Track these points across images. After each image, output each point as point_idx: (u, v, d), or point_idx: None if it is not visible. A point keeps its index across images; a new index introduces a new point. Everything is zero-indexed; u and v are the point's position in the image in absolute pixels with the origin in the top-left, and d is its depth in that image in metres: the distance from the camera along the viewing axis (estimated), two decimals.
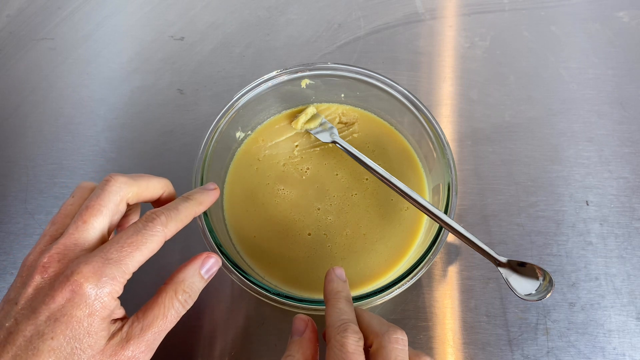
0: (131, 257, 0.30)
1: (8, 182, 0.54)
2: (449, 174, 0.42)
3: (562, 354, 0.45)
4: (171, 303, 0.31)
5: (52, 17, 0.65)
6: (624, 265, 0.48)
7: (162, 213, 0.32)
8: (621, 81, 0.58)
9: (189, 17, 0.64)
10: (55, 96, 0.59)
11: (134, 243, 0.30)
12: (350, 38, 0.62)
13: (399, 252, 0.45)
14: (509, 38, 0.61)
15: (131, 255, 0.30)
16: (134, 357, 0.30)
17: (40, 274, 0.29)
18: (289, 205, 0.46)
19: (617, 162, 0.53)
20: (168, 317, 0.31)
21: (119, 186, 0.32)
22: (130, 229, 0.31)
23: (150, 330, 0.30)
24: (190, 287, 0.33)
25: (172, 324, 0.32)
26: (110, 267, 0.29)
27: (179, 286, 0.32)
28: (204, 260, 0.34)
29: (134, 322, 0.30)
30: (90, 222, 0.31)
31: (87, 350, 0.28)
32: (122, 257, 0.29)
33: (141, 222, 0.31)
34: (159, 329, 0.31)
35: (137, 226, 0.31)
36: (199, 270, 0.34)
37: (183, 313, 0.32)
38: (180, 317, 0.32)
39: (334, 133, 0.48)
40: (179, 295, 0.32)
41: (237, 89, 0.47)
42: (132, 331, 0.30)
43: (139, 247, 0.30)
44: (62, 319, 0.27)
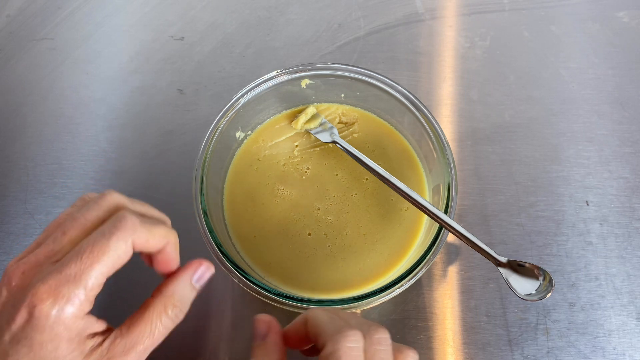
0: (92, 270, 0.26)
1: (8, 182, 0.54)
2: (449, 174, 0.42)
3: (562, 354, 0.45)
4: (159, 319, 0.29)
5: (52, 17, 0.65)
6: (624, 265, 0.48)
7: (135, 215, 0.28)
8: (621, 81, 0.58)
9: (189, 17, 0.64)
10: (55, 96, 0.59)
11: (94, 252, 0.26)
12: (350, 38, 0.62)
13: (399, 252, 0.45)
14: (509, 38, 0.61)
15: (92, 267, 0.26)
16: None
17: (6, 286, 0.27)
18: (289, 205, 0.46)
19: (617, 162, 0.53)
20: (155, 335, 0.28)
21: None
22: (94, 234, 0.27)
23: (135, 349, 0.28)
24: (181, 301, 0.30)
25: (160, 340, 0.29)
26: (69, 285, 0.25)
27: (168, 300, 0.29)
28: (197, 269, 0.31)
29: (117, 337, 0.28)
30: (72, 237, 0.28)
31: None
32: (82, 272, 0.26)
33: (108, 224, 0.28)
34: (145, 347, 0.28)
35: (103, 229, 0.27)
36: (190, 281, 0.31)
37: (172, 328, 0.30)
38: (168, 333, 0.29)
39: (334, 133, 0.48)
40: (168, 311, 0.29)
41: (237, 89, 0.47)
42: (114, 349, 0.27)
43: (101, 257, 0.26)
44: (24, 342, 0.25)
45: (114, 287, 0.45)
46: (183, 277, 0.31)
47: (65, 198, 0.52)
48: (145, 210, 0.32)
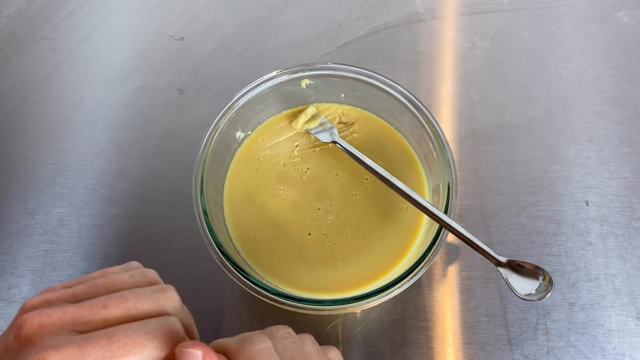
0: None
1: (8, 182, 0.54)
2: (449, 174, 0.42)
3: (562, 354, 0.45)
4: None
5: (52, 17, 0.65)
6: (624, 265, 0.48)
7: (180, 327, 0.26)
8: (621, 81, 0.58)
9: (189, 17, 0.64)
10: (55, 96, 0.59)
11: (127, 346, 0.23)
12: (350, 38, 0.62)
13: (399, 252, 0.45)
14: (509, 38, 0.61)
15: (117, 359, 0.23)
16: None
17: (15, 331, 0.24)
18: (289, 205, 0.46)
19: (617, 162, 0.53)
20: None
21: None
22: (134, 326, 0.24)
23: None
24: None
25: None
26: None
27: None
28: None
29: None
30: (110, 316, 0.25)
31: None
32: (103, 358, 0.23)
33: (155, 323, 0.25)
34: None
35: (147, 326, 0.24)
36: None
37: None
38: None
39: (334, 133, 0.48)
40: None
41: (237, 89, 0.47)
42: None
43: (131, 353, 0.23)
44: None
45: None
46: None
47: (66, 198, 0.52)
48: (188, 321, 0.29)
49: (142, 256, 0.49)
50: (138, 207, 0.52)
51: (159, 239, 0.50)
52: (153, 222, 0.51)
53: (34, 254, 0.50)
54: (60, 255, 0.50)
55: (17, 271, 0.49)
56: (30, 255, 0.50)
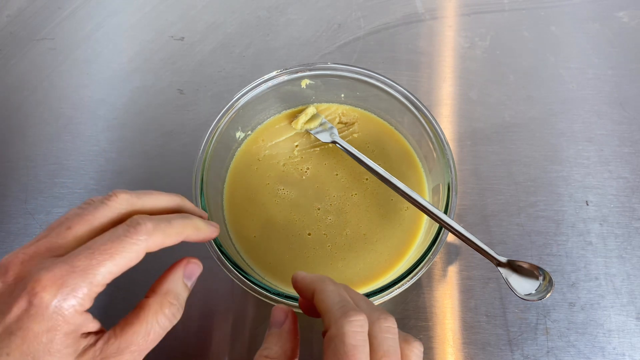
0: (102, 267, 0.25)
1: (8, 182, 0.54)
2: (449, 174, 0.42)
3: (562, 354, 0.45)
4: (155, 318, 0.28)
5: (52, 17, 0.65)
6: (624, 265, 0.48)
7: (149, 220, 0.28)
8: (621, 81, 0.58)
9: (189, 17, 0.64)
10: (55, 96, 0.59)
11: (108, 250, 0.26)
12: (350, 38, 0.62)
13: (399, 252, 0.45)
14: (509, 38, 0.61)
15: (102, 264, 0.25)
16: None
17: (2, 277, 0.26)
18: (289, 205, 0.46)
19: (617, 162, 0.53)
20: (151, 335, 0.27)
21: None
22: (107, 234, 0.27)
23: (129, 350, 0.26)
24: (177, 298, 0.29)
25: (155, 342, 0.28)
26: (75, 276, 0.25)
27: (164, 298, 0.28)
28: (186, 267, 0.31)
29: (110, 338, 0.27)
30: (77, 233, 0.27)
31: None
32: (91, 266, 0.25)
33: (122, 227, 0.27)
34: (140, 348, 0.27)
35: (117, 231, 0.27)
36: (182, 278, 0.30)
37: (169, 328, 0.29)
38: (165, 334, 0.29)
39: (334, 133, 0.48)
40: (165, 309, 0.28)
41: (237, 89, 0.47)
42: (108, 349, 0.26)
43: (113, 256, 0.26)
44: (18, 332, 0.24)
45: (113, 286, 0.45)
46: (175, 275, 0.30)
47: (66, 198, 0.52)
48: (155, 201, 0.31)
49: None
50: None
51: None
52: None
53: None
54: None
55: None
56: None
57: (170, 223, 0.29)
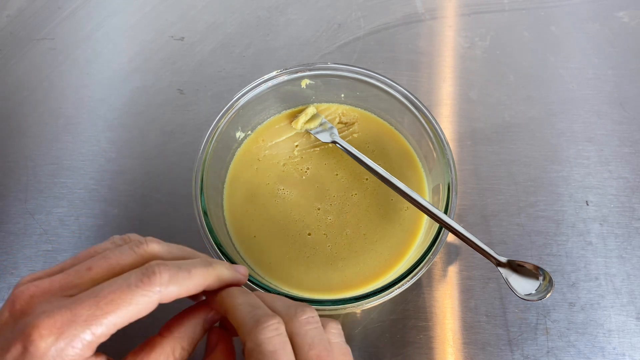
0: (106, 318, 0.24)
1: (8, 182, 0.54)
2: (449, 174, 0.42)
3: (562, 354, 0.45)
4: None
5: (52, 17, 0.65)
6: (624, 265, 0.48)
7: (167, 270, 0.26)
8: (621, 81, 0.58)
9: (189, 17, 0.64)
10: (55, 96, 0.59)
11: (115, 301, 0.24)
12: (350, 38, 0.62)
13: (399, 252, 0.45)
14: (509, 38, 0.61)
15: (107, 315, 0.24)
16: None
17: (9, 307, 0.25)
18: (289, 205, 0.46)
19: (617, 162, 0.53)
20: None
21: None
22: (118, 279, 0.25)
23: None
24: (191, 344, 0.28)
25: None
26: (77, 326, 0.23)
27: (177, 342, 0.27)
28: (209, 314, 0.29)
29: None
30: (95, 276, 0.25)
31: None
32: (94, 316, 0.23)
33: (136, 273, 0.25)
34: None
35: (129, 279, 0.25)
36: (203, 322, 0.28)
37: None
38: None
39: (334, 133, 0.48)
40: (176, 353, 0.27)
41: (237, 89, 0.47)
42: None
43: (120, 306, 0.24)
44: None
45: None
46: (196, 319, 0.28)
47: (66, 198, 0.52)
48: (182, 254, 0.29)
49: None
50: (138, 207, 0.52)
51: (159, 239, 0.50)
52: (153, 222, 0.51)
53: (34, 254, 0.50)
54: (60, 255, 0.50)
55: (17, 271, 0.49)
56: (30, 255, 0.50)
57: (189, 273, 0.27)
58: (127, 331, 0.25)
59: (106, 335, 0.24)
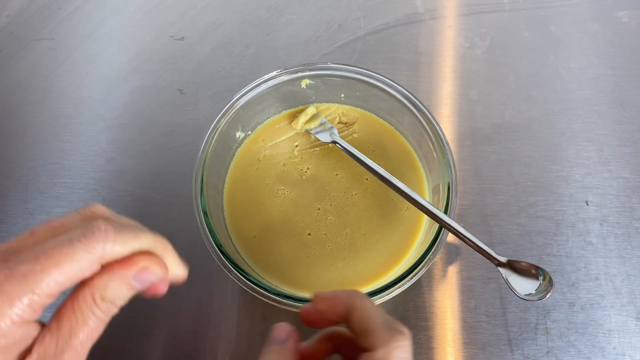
0: (46, 274, 0.22)
1: (8, 182, 0.54)
2: (449, 174, 0.42)
3: (562, 354, 0.45)
4: (90, 311, 0.24)
5: (52, 17, 0.65)
6: (624, 265, 0.48)
7: (112, 228, 0.24)
8: (621, 81, 0.58)
9: (189, 17, 0.64)
10: (55, 96, 0.59)
11: (55, 256, 0.23)
12: (350, 38, 0.62)
13: (399, 252, 0.45)
14: (509, 38, 0.61)
15: (46, 271, 0.22)
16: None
17: None
18: (289, 205, 0.46)
19: (617, 162, 0.53)
20: (89, 325, 0.24)
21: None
22: (60, 237, 0.24)
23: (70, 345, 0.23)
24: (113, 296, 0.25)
25: (98, 332, 0.25)
26: (13, 282, 0.22)
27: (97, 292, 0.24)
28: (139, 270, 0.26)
29: (46, 336, 0.24)
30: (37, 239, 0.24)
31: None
32: (33, 272, 0.22)
33: (79, 229, 0.24)
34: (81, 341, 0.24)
35: (71, 234, 0.24)
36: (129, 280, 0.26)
37: (107, 320, 0.25)
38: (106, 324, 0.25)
39: (334, 133, 0.48)
40: (99, 304, 0.25)
41: (237, 89, 0.47)
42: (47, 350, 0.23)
43: (60, 262, 0.22)
44: None
45: None
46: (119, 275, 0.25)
47: (66, 198, 0.52)
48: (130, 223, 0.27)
49: None
50: (138, 207, 0.52)
51: None
52: (153, 222, 0.51)
53: None
54: None
55: None
56: None
57: (136, 235, 0.25)
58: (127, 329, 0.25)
59: (48, 295, 0.23)
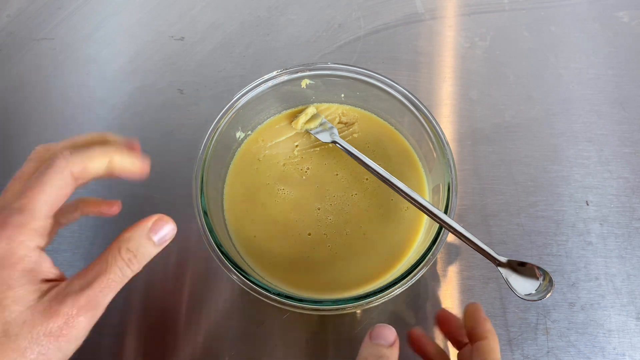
0: (35, 200, 0.28)
1: (8, 182, 0.54)
2: (449, 174, 0.42)
3: (562, 354, 0.45)
4: (114, 260, 0.29)
5: (52, 17, 0.65)
6: (624, 265, 0.48)
7: (68, 152, 0.30)
8: (621, 81, 0.58)
9: (189, 17, 0.64)
10: (55, 96, 0.59)
11: (36, 186, 0.28)
12: (350, 38, 0.62)
13: (399, 252, 0.45)
14: (509, 38, 0.61)
15: (35, 197, 0.28)
16: (72, 315, 0.26)
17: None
18: (289, 205, 0.46)
19: (617, 162, 0.53)
20: (111, 275, 0.28)
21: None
22: (31, 178, 0.29)
23: (92, 286, 0.27)
24: (136, 248, 0.30)
25: (118, 283, 0.29)
26: (14, 215, 0.27)
27: (122, 244, 0.29)
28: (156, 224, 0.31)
29: (73, 279, 0.28)
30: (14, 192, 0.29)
31: (12, 306, 0.26)
32: (25, 203, 0.27)
33: (45, 164, 0.29)
34: (102, 286, 0.28)
35: (40, 169, 0.29)
36: (148, 233, 0.30)
37: (129, 275, 0.29)
38: (126, 280, 0.29)
39: (334, 133, 0.48)
40: (123, 253, 0.29)
41: (237, 89, 0.47)
42: (71, 287, 0.27)
43: (43, 187, 0.28)
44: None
45: None
46: (139, 226, 0.30)
47: None
48: (77, 141, 0.33)
49: None
50: (138, 207, 0.52)
51: None
52: None
53: None
54: (60, 255, 0.50)
55: None
56: None
57: (89, 149, 0.31)
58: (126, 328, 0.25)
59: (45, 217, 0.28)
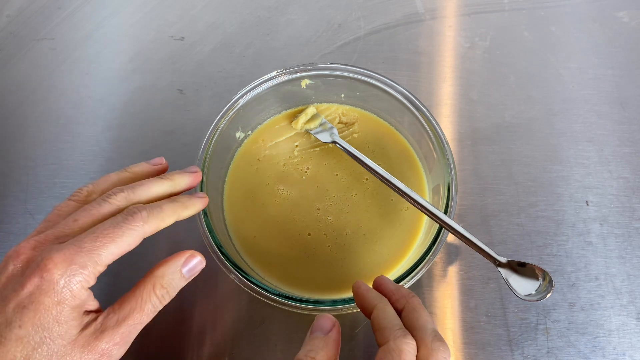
0: (105, 248, 0.29)
1: (8, 182, 0.54)
2: (449, 174, 0.42)
3: (562, 354, 0.45)
4: (148, 297, 0.31)
5: (52, 17, 0.65)
6: (624, 265, 0.48)
7: (144, 209, 0.32)
8: (621, 81, 0.58)
9: (189, 17, 0.64)
10: (55, 96, 0.59)
11: (110, 235, 0.29)
12: (350, 38, 0.62)
13: (399, 252, 0.45)
14: (509, 38, 0.61)
15: (106, 246, 0.29)
16: (108, 350, 0.29)
17: (13, 261, 0.29)
18: (289, 205, 0.46)
19: (617, 162, 0.53)
20: (145, 311, 0.31)
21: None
22: (108, 222, 0.30)
23: (126, 323, 0.30)
24: (169, 284, 0.32)
25: (149, 317, 0.31)
26: (82, 255, 0.28)
27: (157, 281, 0.32)
28: (187, 259, 0.34)
29: (110, 313, 0.30)
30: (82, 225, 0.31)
31: (57, 340, 0.27)
32: (95, 247, 0.29)
33: (121, 215, 0.31)
34: (135, 322, 0.30)
35: (117, 219, 0.31)
36: (180, 268, 0.33)
37: (160, 308, 0.32)
38: (157, 312, 0.32)
39: (334, 133, 0.48)
40: (157, 290, 0.31)
41: (237, 89, 0.47)
42: (107, 322, 0.29)
43: (114, 239, 0.29)
44: (30, 306, 0.27)
45: (113, 287, 0.45)
46: (173, 263, 0.33)
47: (65, 198, 0.52)
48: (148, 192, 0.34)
49: (141, 256, 0.49)
50: None
51: (158, 239, 0.50)
52: None
53: None
54: None
55: None
56: None
57: (161, 208, 0.33)
58: None
59: (105, 265, 0.29)
